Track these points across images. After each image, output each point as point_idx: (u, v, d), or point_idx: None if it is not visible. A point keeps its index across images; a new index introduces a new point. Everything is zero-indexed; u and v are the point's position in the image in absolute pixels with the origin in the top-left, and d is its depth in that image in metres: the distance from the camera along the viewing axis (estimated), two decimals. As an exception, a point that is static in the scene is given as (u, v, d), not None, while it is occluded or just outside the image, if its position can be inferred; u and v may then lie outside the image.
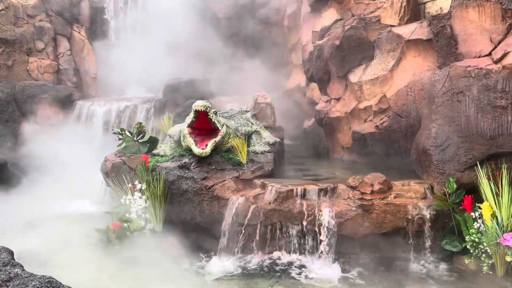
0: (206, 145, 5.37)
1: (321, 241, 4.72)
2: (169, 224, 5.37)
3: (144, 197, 5.38)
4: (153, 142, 6.42)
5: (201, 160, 5.47)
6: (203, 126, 5.61)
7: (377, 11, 7.06)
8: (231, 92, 12.08)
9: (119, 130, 6.65)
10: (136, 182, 5.53)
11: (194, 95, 10.81)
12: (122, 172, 6.09)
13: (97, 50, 13.13)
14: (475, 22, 4.88)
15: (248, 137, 6.19)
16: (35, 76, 11.73)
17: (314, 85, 8.56)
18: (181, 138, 5.80)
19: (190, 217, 5.16)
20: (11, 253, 2.86)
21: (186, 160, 5.50)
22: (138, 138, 6.52)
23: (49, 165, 9.66)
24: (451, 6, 5.18)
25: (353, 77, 6.49)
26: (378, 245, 4.73)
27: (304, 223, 4.77)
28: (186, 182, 5.18)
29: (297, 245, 4.80)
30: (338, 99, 7.09)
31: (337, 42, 6.68)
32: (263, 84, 12.93)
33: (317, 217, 4.73)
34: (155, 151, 6.10)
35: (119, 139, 6.72)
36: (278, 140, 6.71)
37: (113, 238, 5.28)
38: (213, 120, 5.42)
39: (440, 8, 6.18)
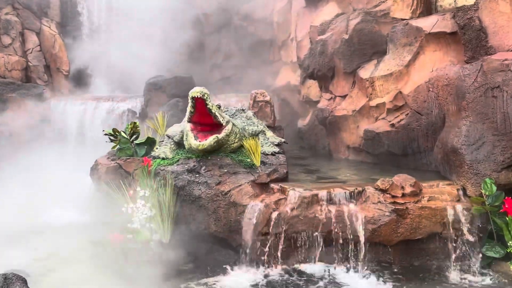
0: None
1: (352, 250, 4.32)
2: (178, 235, 4.84)
3: (148, 204, 4.83)
4: (150, 144, 5.87)
5: (212, 163, 4.97)
6: (205, 120, 5.07)
7: (382, 5, 6.77)
8: (214, 90, 11.56)
9: (110, 131, 6.03)
10: (138, 188, 4.96)
11: (178, 93, 10.27)
12: (118, 177, 5.50)
13: (69, 46, 12.32)
14: (506, 13, 4.63)
15: (255, 137, 5.75)
16: (2, 73, 10.80)
17: (311, 83, 8.19)
18: (184, 137, 5.28)
19: (203, 226, 4.65)
20: (24, 281, 2.29)
21: (194, 163, 4.99)
22: (132, 139, 5.94)
23: (20, 170, 8.88)
24: (477, -3, 4.91)
25: (364, 73, 6.14)
26: (413, 252, 4.40)
27: (333, 230, 4.36)
28: (199, 188, 4.67)
29: (325, 255, 4.38)
30: (343, 97, 6.74)
31: (346, 36, 6.33)
32: (247, 82, 12.48)
33: (347, 224, 4.34)
34: (153, 154, 5.54)
35: (111, 140, 6.11)
36: (283, 140, 6.30)
37: (114, 252, 4.70)
38: (213, 111, 4.87)
39: (454, 1, 5.92)
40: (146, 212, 4.78)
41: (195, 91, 4.80)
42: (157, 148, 5.79)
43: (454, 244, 4.32)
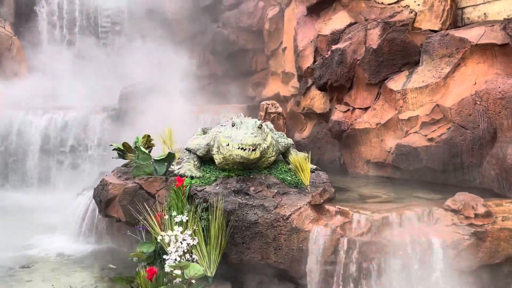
0: None
1: (432, 277, 3.91)
2: (224, 267, 4.17)
3: (189, 231, 4.12)
4: (170, 161, 5.14)
5: (258, 182, 4.38)
6: None
7: (398, 16, 6.57)
8: (186, 100, 10.83)
9: (120, 146, 5.23)
10: (174, 213, 4.24)
11: (159, 104, 9.49)
12: (138, 199, 4.72)
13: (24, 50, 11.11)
14: None
15: (290, 151, 5.26)
16: (-50, 77, 9.44)
17: (314, 94, 7.79)
18: (214, 150, 4.64)
19: (259, 256, 4.02)
20: None
21: (239, 183, 4.35)
22: (147, 155, 5.18)
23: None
24: (529, 9, 4.79)
25: (394, 85, 5.85)
26: (490, 277, 4.07)
27: (410, 257, 3.93)
28: (254, 212, 4.05)
29: (403, 285, 3.93)
30: (364, 109, 6.41)
31: (374, 46, 6.01)
32: (224, 92, 11.93)
33: (425, 249, 3.92)
34: (177, 172, 4.84)
35: (120, 156, 5.31)
36: (306, 155, 5.82)
37: (150, 291, 3.94)
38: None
39: (484, 13, 5.83)
40: (188, 241, 4.07)
41: (246, 144, 4.09)
42: (173, 165, 5.10)
43: (533, 268, 4.05)
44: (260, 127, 4.42)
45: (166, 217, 4.23)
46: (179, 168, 4.96)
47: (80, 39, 11.79)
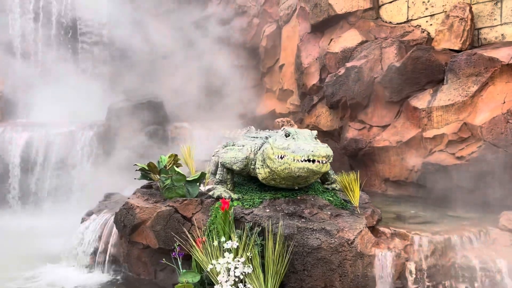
0: None
1: (500, 301, 3.79)
2: (280, 296, 3.86)
3: (241, 259, 3.79)
4: (201, 181, 4.79)
5: (310, 204, 4.13)
6: None
7: (410, 35, 6.63)
8: (183, 117, 10.44)
9: (144, 166, 4.81)
10: (223, 238, 3.90)
11: (152, 120, 9.11)
12: (173, 224, 4.33)
13: (-4, 62, 10.35)
14: None
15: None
16: None
17: (320, 111, 7.67)
18: (259, 165, 4.28)
19: (323, 284, 3.74)
20: None
21: (292, 205, 4.08)
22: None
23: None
24: (561, 30, 4.90)
25: (418, 103, 5.81)
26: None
27: (477, 280, 3.79)
28: (316, 236, 3.77)
29: (471, 309, 3.78)
30: (382, 127, 6.34)
31: (397, 64, 5.97)
32: (212, 109, 11.63)
33: (493, 272, 3.80)
34: (212, 193, 4.51)
35: (143, 176, 4.89)
36: (355, 174, 5.61)
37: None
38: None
39: (502, 34, 5.95)
40: (242, 269, 3.73)
41: (320, 156, 3.70)
42: (206, 184, 4.77)
43: None
44: (316, 137, 4.17)
45: (215, 243, 3.88)
46: (209, 189, 4.64)
47: (57, 53, 11.12)
